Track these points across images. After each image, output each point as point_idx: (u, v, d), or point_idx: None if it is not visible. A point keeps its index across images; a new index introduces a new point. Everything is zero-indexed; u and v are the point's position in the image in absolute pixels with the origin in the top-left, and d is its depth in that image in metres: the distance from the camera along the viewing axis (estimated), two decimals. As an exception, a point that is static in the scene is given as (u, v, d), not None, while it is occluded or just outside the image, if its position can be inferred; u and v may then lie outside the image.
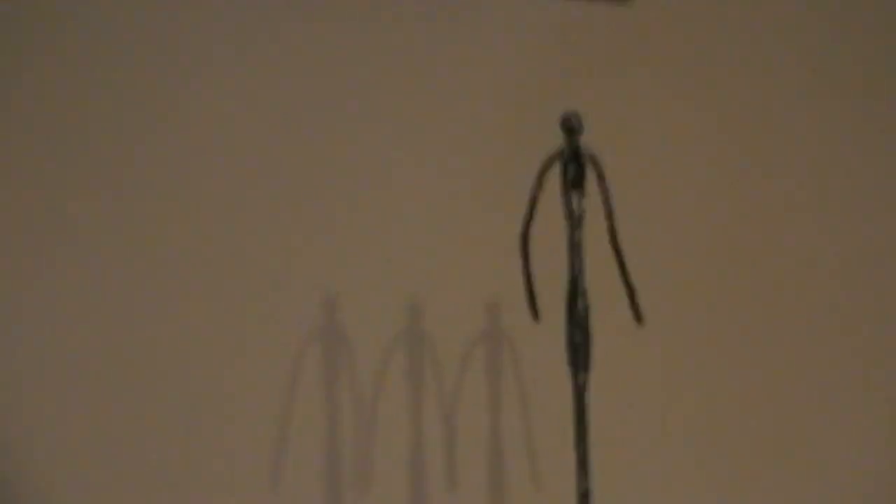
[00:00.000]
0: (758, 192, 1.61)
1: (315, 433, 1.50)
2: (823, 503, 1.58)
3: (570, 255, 1.19)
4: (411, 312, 1.53)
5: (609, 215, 1.19)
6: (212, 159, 1.52)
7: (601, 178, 1.20)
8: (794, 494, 1.58)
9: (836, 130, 1.66)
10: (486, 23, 1.58)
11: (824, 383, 1.61)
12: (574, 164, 1.20)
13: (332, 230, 1.53)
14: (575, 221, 1.19)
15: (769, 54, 1.65)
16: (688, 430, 1.55)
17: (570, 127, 1.21)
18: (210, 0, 1.50)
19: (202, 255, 1.51)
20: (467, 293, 1.53)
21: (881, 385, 1.63)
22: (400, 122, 1.56)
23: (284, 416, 1.50)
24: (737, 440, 1.56)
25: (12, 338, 1.43)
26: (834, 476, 1.59)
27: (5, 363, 1.43)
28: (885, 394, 1.63)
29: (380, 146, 1.55)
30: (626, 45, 1.61)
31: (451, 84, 1.58)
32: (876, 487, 1.59)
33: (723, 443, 1.56)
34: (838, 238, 1.64)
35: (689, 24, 1.68)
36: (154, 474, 1.47)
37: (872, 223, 1.66)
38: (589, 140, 1.21)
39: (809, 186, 1.62)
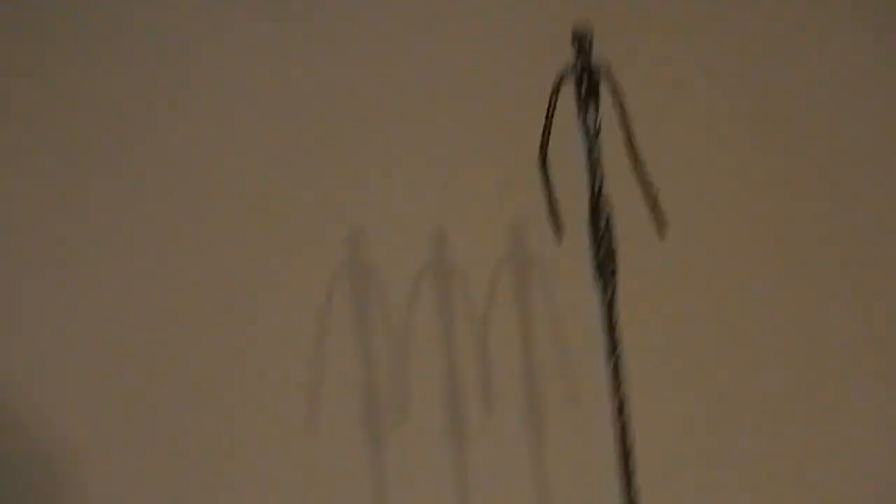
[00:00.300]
0: (778, 99, 1.59)
1: (348, 368, 1.51)
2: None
3: (589, 170, 1.19)
4: (437, 241, 1.53)
5: (625, 125, 1.19)
6: (236, 99, 1.52)
7: (615, 89, 1.19)
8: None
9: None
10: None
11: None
12: (587, 78, 1.20)
13: (353, 165, 1.53)
14: (592, 135, 1.19)
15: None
16: (716, 333, 1.55)
17: (582, 40, 1.20)
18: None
19: (229, 195, 1.52)
20: (491, 218, 1.53)
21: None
22: (417, 51, 1.55)
23: (316, 353, 1.51)
24: (764, 342, 1.56)
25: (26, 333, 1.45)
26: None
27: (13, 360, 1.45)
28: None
29: (398, 78, 1.54)
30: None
31: (464, 9, 1.57)
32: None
33: (752, 341, 1.56)
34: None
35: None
36: (187, 418, 1.49)
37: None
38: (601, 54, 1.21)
39: (826, 86, 1.60)
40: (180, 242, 1.51)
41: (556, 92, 1.20)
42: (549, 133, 1.20)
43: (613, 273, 1.19)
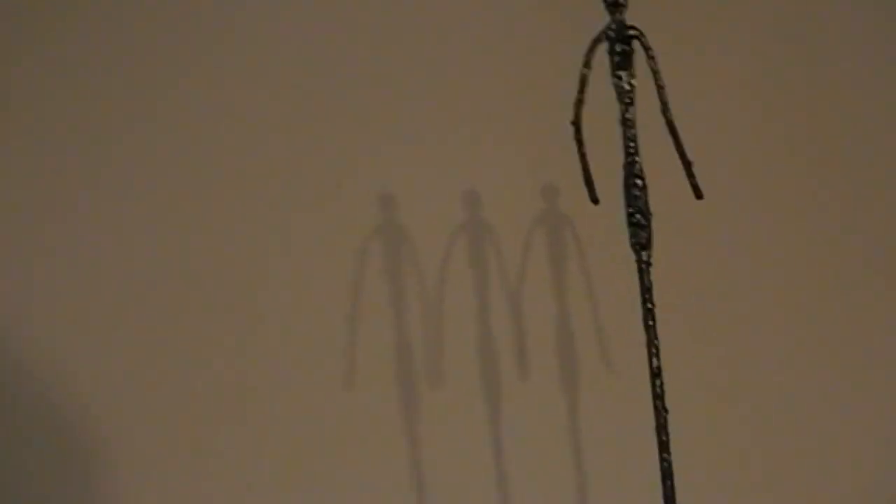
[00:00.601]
0: (812, 65, 1.57)
1: (383, 330, 1.51)
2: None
3: (624, 135, 1.18)
4: (469, 203, 1.52)
5: (660, 90, 1.18)
6: (266, 66, 1.52)
7: (650, 54, 1.18)
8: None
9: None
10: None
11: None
12: (621, 42, 1.18)
13: (383, 126, 1.53)
14: (626, 100, 1.18)
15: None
16: (756, 301, 1.54)
17: (615, 3, 1.19)
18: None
19: (259, 155, 1.52)
20: (524, 179, 1.53)
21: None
22: (449, 11, 1.54)
23: (350, 315, 1.51)
24: (812, 316, 1.55)
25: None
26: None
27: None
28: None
29: (428, 39, 1.54)
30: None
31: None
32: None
33: (795, 322, 1.55)
34: None
35: None
36: (226, 376, 1.50)
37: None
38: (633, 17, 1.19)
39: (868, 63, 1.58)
40: (209, 202, 1.50)
41: (588, 55, 1.19)
42: (583, 96, 1.19)
43: (649, 238, 1.18)
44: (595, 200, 1.19)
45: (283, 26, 1.53)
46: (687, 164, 1.17)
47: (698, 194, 1.17)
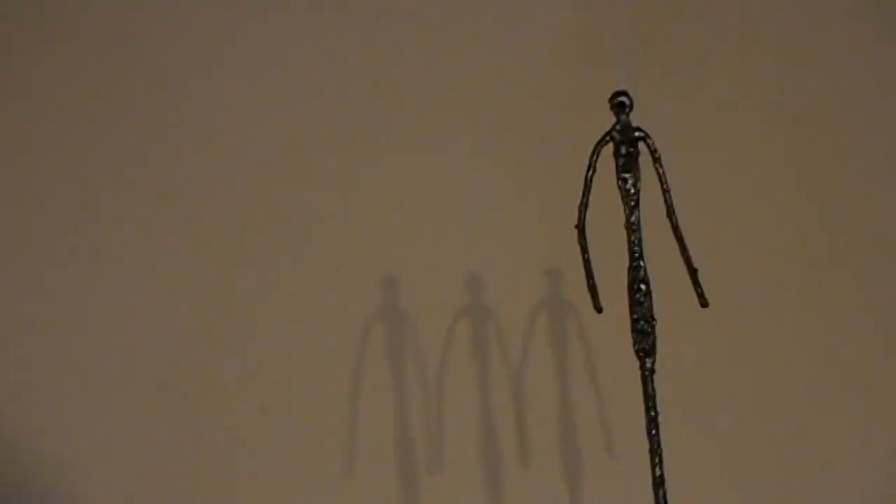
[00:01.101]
0: (823, 172, 1.55)
1: (384, 414, 1.50)
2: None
3: (629, 239, 1.16)
4: (472, 285, 1.51)
5: (666, 193, 1.16)
6: (269, 139, 1.51)
7: (655, 156, 1.16)
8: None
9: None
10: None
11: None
12: (626, 144, 1.17)
13: (389, 208, 1.51)
14: (631, 203, 1.16)
15: (840, 12, 1.59)
16: (755, 410, 1.52)
17: (620, 105, 1.17)
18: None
19: (261, 242, 1.50)
20: (528, 263, 1.51)
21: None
22: (461, 96, 1.54)
23: (352, 398, 1.50)
24: (811, 416, 1.53)
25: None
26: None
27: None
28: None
29: (436, 122, 1.53)
30: (678, 9, 1.56)
31: (498, 56, 1.55)
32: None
33: (800, 420, 1.53)
34: None
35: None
36: (227, 457, 1.48)
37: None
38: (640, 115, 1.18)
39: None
40: (209, 284, 1.49)
41: (593, 157, 1.17)
42: (587, 199, 1.17)
43: (653, 345, 1.16)
44: (599, 309, 1.17)
45: (286, 104, 1.52)
46: (692, 271, 1.16)
47: (703, 302, 1.15)
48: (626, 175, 1.17)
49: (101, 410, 1.46)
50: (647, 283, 1.16)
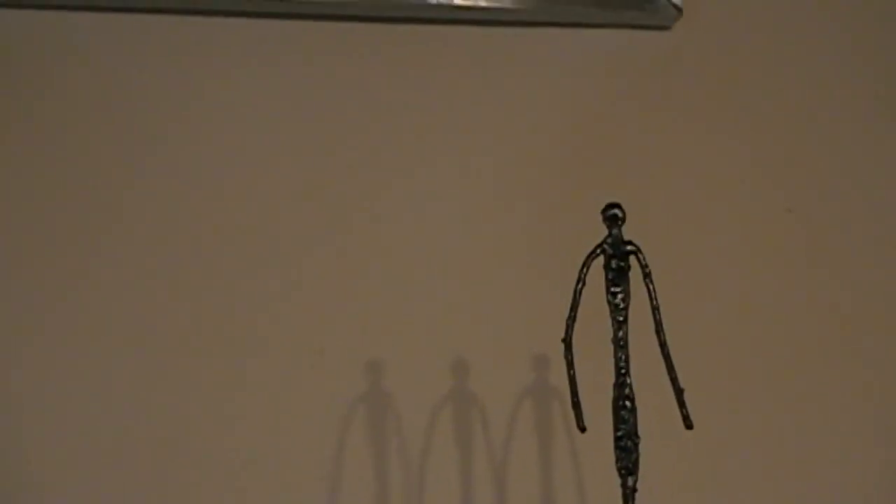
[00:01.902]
0: (825, 273, 1.54)
1: (364, 499, 1.48)
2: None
3: (615, 354, 1.15)
4: (457, 372, 1.49)
5: (654, 310, 1.15)
6: (247, 222, 1.50)
7: (646, 272, 1.15)
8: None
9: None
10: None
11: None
12: (617, 258, 1.15)
13: (372, 295, 1.50)
14: (619, 318, 1.15)
15: (827, 78, 1.57)
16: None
17: (613, 217, 1.16)
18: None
19: (243, 324, 1.49)
20: (514, 352, 1.50)
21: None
22: (446, 181, 1.53)
23: (333, 482, 1.48)
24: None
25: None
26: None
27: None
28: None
29: (427, 204, 1.52)
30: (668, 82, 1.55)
31: (489, 131, 1.54)
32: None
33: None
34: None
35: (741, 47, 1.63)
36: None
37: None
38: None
39: (865, 250, 1.56)
40: (189, 365, 1.48)
41: (583, 271, 1.16)
42: (575, 313, 1.16)
43: (636, 464, 1.15)
44: (582, 429, 1.16)
45: (267, 180, 1.51)
46: (678, 392, 1.14)
47: (688, 425, 1.14)
48: (616, 289, 1.16)
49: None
50: (632, 399, 1.15)
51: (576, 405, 1.16)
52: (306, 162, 1.52)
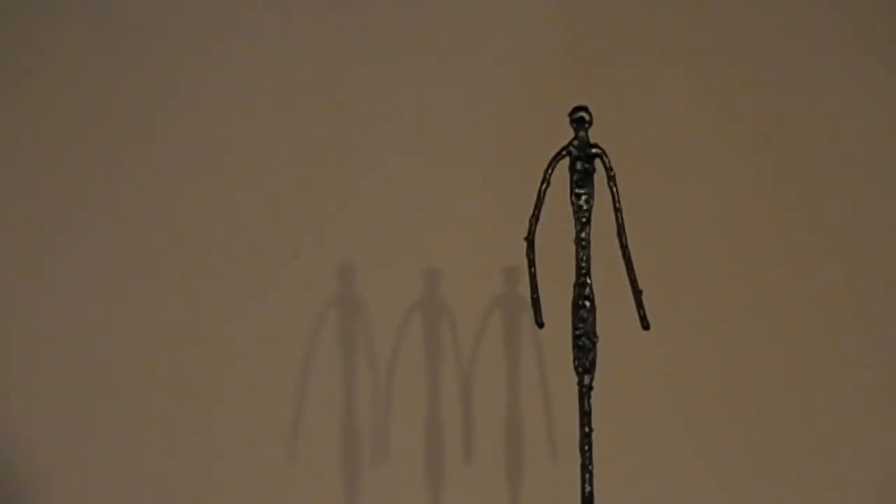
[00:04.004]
0: (779, 190, 1.55)
1: (332, 403, 1.51)
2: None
3: (577, 255, 1.16)
4: (428, 279, 1.51)
5: (617, 212, 1.16)
6: (228, 129, 1.51)
7: (610, 175, 1.16)
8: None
9: (882, 122, 1.57)
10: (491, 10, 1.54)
11: (836, 384, 1.55)
12: (582, 160, 1.17)
13: (347, 201, 1.51)
14: (582, 219, 1.16)
15: (801, 30, 1.58)
16: (693, 434, 1.53)
17: (580, 120, 1.17)
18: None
19: (218, 228, 1.51)
20: (485, 261, 1.51)
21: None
22: (419, 89, 1.53)
23: (301, 386, 1.50)
24: (745, 443, 1.53)
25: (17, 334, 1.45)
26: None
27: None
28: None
29: (397, 113, 1.53)
30: (637, 27, 1.55)
31: (460, 71, 1.54)
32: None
33: (729, 445, 1.53)
34: (866, 241, 1.57)
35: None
36: (169, 444, 1.49)
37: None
38: (600, 130, 1.18)
39: (840, 181, 1.56)
40: (172, 263, 1.50)
41: (548, 171, 1.17)
42: (539, 213, 1.17)
43: (593, 363, 1.17)
44: (540, 324, 1.18)
45: (253, 93, 1.51)
46: (637, 293, 1.16)
47: (645, 325, 1.16)
48: (580, 191, 1.17)
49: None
50: (591, 300, 1.16)
51: (535, 301, 1.17)
52: (284, 76, 1.53)
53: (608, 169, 1.16)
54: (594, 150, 1.17)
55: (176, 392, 1.49)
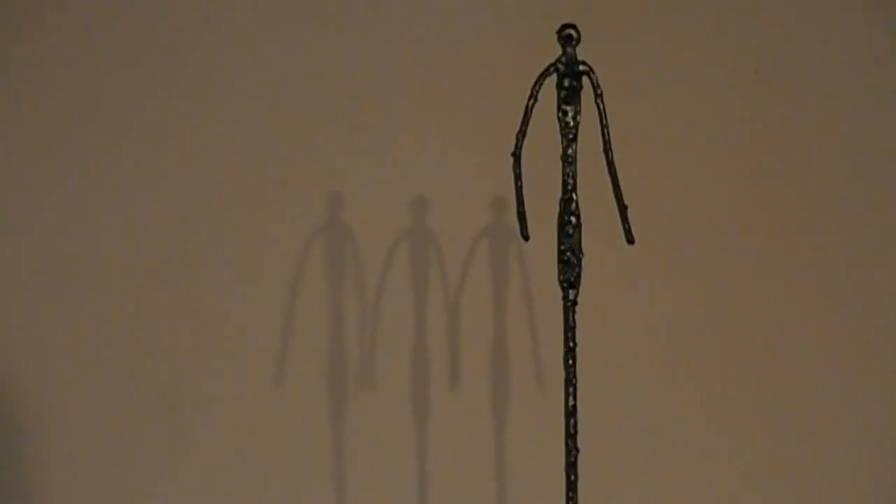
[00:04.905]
0: (767, 117, 1.56)
1: (319, 330, 1.51)
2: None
3: (563, 171, 1.17)
4: (416, 209, 1.52)
5: (605, 129, 1.17)
6: (217, 56, 1.51)
7: (597, 92, 1.17)
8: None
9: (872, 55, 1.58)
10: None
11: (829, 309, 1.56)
12: (570, 77, 1.17)
13: (336, 129, 1.52)
14: (569, 136, 1.17)
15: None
16: (678, 347, 1.54)
17: (568, 37, 1.18)
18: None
19: (207, 156, 1.51)
20: (473, 192, 1.52)
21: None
22: (405, 27, 1.53)
23: (289, 313, 1.51)
24: (730, 366, 1.54)
25: None
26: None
27: None
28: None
29: (385, 49, 1.53)
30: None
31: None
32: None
33: (712, 368, 1.54)
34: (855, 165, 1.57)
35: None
36: (157, 365, 1.50)
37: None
38: (588, 51, 1.18)
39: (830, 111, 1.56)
40: (152, 190, 1.50)
41: (536, 87, 1.17)
42: (525, 128, 1.18)
43: (577, 278, 1.18)
44: (525, 237, 1.19)
45: (240, 26, 1.51)
46: (622, 208, 1.17)
47: (630, 239, 1.17)
48: (567, 107, 1.18)
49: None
50: (577, 216, 1.17)
51: (521, 215, 1.18)
52: (272, 4, 1.53)
53: (595, 86, 1.17)
54: (581, 68, 1.17)
55: (164, 316, 1.50)
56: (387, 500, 1.52)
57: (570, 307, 1.18)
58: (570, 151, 1.17)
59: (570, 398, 1.17)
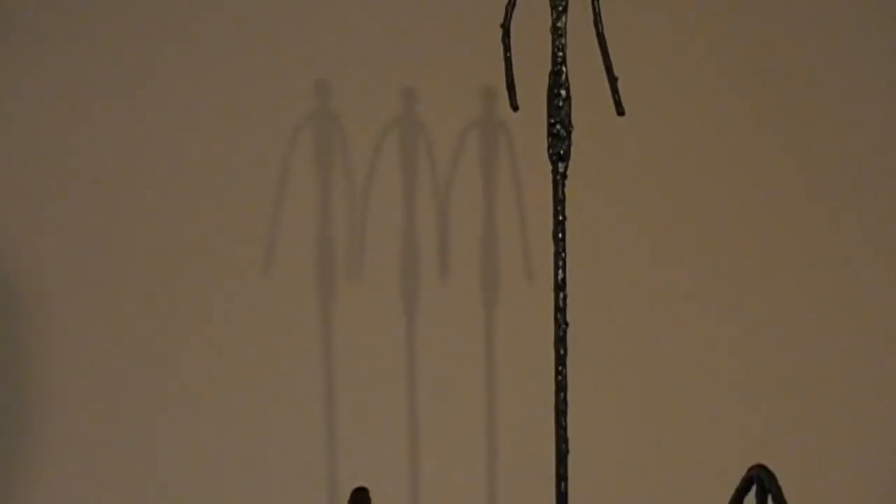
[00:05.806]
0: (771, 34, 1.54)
1: (307, 220, 1.50)
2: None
3: (553, 44, 1.16)
4: (405, 97, 1.50)
5: (595, 2, 1.16)
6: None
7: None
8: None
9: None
10: None
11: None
12: (559, -52, 1.16)
13: (324, 17, 1.50)
14: (558, 7, 1.16)
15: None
16: (667, 217, 1.53)
17: None
18: None
19: (195, 44, 1.50)
20: (463, 80, 1.51)
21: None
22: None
23: (277, 201, 1.50)
24: (724, 247, 1.54)
25: None
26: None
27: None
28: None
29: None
30: None
31: None
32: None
33: (699, 233, 1.54)
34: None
35: None
36: (146, 258, 1.49)
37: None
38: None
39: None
40: (143, 93, 1.49)
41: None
42: (513, 3, 1.16)
43: (567, 149, 1.17)
44: (515, 107, 1.17)
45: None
46: (612, 80, 1.16)
47: (620, 110, 1.16)
48: (557, -19, 1.16)
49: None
50: (566, 88, 1.16)
51: (510, 86, 1.17)
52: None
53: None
54: (570, -62, 1.16)
55: (150, 214, 1.49)
56: (376, 390, 1.52)
57: (559, 180, 1.17)
58: (559, 24, 1.16)
59: (560, 271, 1.17)
